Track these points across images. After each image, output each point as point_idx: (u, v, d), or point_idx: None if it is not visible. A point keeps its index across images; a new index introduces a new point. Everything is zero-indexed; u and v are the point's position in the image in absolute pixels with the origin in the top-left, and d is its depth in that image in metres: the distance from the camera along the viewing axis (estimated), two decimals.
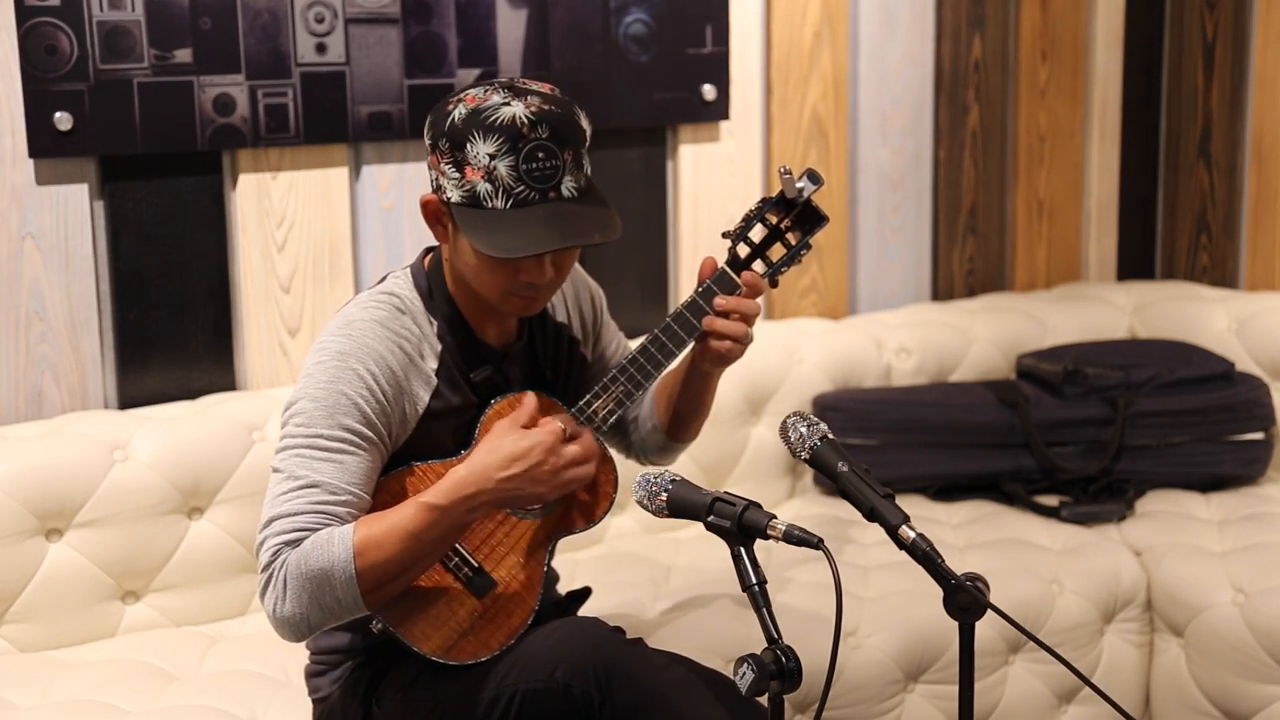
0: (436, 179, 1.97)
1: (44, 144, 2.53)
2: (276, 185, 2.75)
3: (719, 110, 3.16)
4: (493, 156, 1.90)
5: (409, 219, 2.88)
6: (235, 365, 2.78)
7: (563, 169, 1.93)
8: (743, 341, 2.11)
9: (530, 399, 2.07)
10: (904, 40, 3.43)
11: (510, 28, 2.89)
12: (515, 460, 1.92)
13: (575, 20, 2.95)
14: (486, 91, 1.94)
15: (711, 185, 3.20)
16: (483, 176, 1.91)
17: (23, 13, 2.48)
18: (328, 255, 2.81)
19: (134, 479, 2.48)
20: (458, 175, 1.92)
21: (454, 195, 1.93)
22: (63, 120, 2.53)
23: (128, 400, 2.68)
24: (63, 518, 2.44)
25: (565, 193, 1.94)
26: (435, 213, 2.00)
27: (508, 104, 1.91)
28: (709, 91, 3.12)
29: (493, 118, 1.90)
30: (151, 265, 2.69)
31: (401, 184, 2.87)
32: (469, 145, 1.90)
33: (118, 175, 2.64)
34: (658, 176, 3.16)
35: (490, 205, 1.91)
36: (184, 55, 2.61)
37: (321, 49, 2.73)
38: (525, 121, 1.90)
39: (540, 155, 1.91)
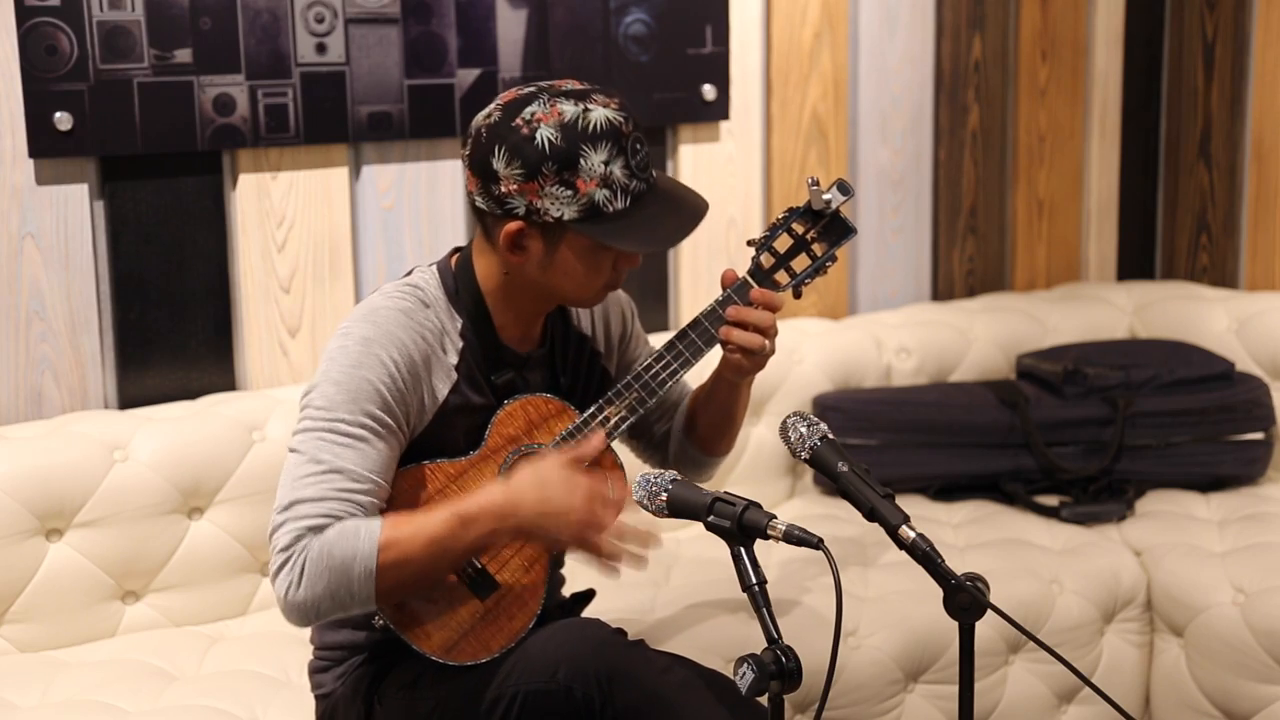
0: (529, 203, 1.93)
1: (44, 144, 2.53)
2: (276, 185, 2.75)
3: (719, 110, 3.16)
4: (607, 163, 1.92)
5: (409, 219, 2.88)
6: (235, 365, 2.78)
7: (650, 151, 2.00)
8: (757, 353, 2.10)
9: (548, 404, 2.08)
10: (904, 40, 3.43)
11: (510, 28, 2.89)
12: (552, 503, 1.92)
13: (575, 20, 2.95)
14: (549, 106, 1.92)
15: (711, 185, 3.20)
16: (598, 185, 1.92)
17: (23, 13, 2.48)
18: (328, 255, 2.81)
19: (134, 479, 2.48)
20: (570, 193, 1.92)
21: (567, 213, 1.92)
22: (63, 120, 2.53)
23: (128, 400, 2.68)
24: (63, 518, 2.44)
25: (653, 172, 2.01)
26: (519, 236, 1.97)
27: (588, 109, 1.92)
28: (709, 91, 3.12)
29: (591, 126, 1.91)
30: (151, 265, 2.69)
31: (401, 184, 2.87)
32: (582, 160, 1.91)
33: (118, 175, 2.64)
34: None
35: (612, 209, 1.93)
36: (184, 55, 2.61)
37: (321, 49, 2.73)
38: (619, 119, 1.94)
39: (638, 147, 1.97)
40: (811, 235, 2.14)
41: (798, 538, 1.67)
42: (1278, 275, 3.51)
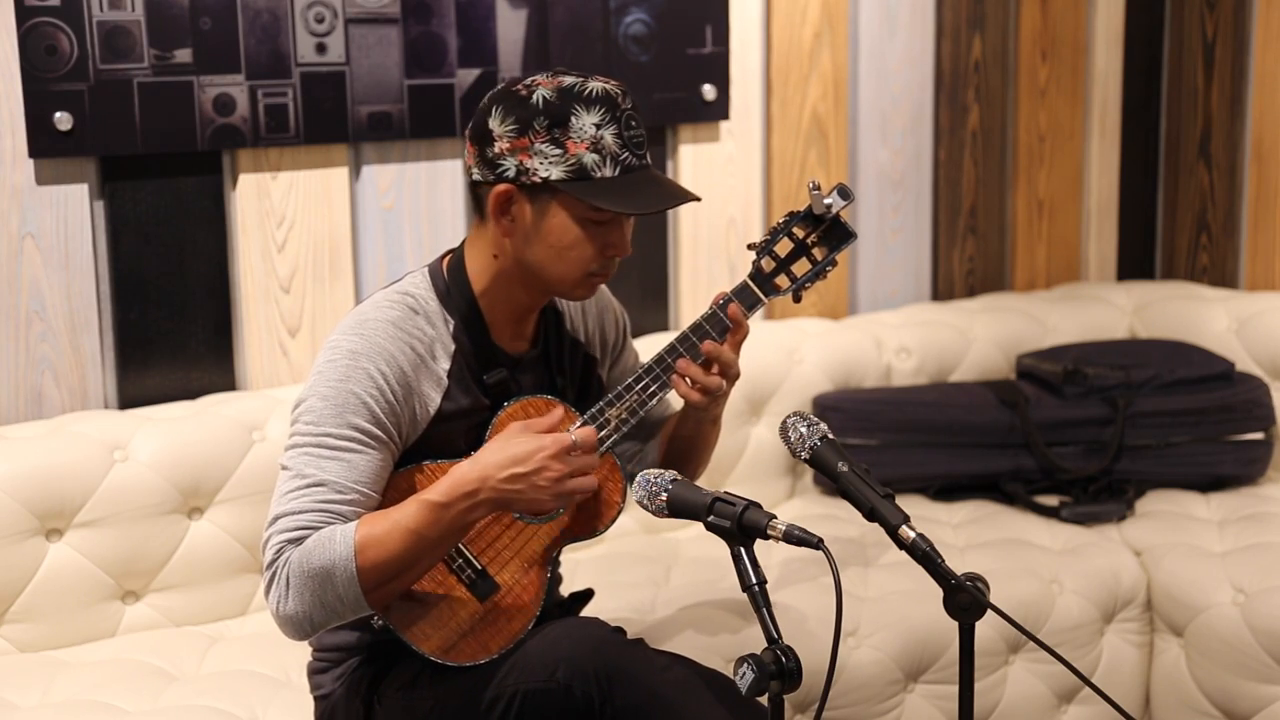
0: (519, 163, 1.95)
1: (44, 144, 2.53)
2: (276, 185, 2.75)
3: (719, 110, 3.16)
4: (598, 126, 1.93)
5: (409, 219, 2.88)
6: (235, 365, 2.78)
7: (647, 136, 2.00)
8: (711, 391, 2.08)
9: (549, 405, 2.07)
10: (904, 40, 3.43)
11: (510, 28, 2.89)
12: (518, 463, 1.91)
13: (575, 20, 2.95)
14: (553, 77, 1.97)
15: (712, 185, 3.20)
16: (588, 148, 1.93)
17: (23, 13, 2.48)
18: (328, 255, 2.81)
19: (134, 479, 2.48)
20: (559, 151, 1.93)
21: (554, 173, 1.94)
22: (63, 120, 2.53)
23: (128, 400, 2.68)
24: (63, 518, 2.44)
25: (649, 159, 2.01)
26: (507, 202, 1.98)
27: (588, 79, 1.96)
28: (709, 91, 3.12)
29: (586, 91, 1.95)
30: (151, 265, 2.69)
31: (401, 184, 2.87)
32: (573, 118, 1.93)
33: (118, 175, 2.64)
34: None
35: (599, 174, 1.94)
36: (184, 55, 2.61)
37: (321, 49, 2.73)
38: (617, 92, 1.96)
39: (634, 123, 1.97)
40: (812, 239, 2.14)
41: (798, 538, 1.67)
42: (1278, 275, 3.51)
